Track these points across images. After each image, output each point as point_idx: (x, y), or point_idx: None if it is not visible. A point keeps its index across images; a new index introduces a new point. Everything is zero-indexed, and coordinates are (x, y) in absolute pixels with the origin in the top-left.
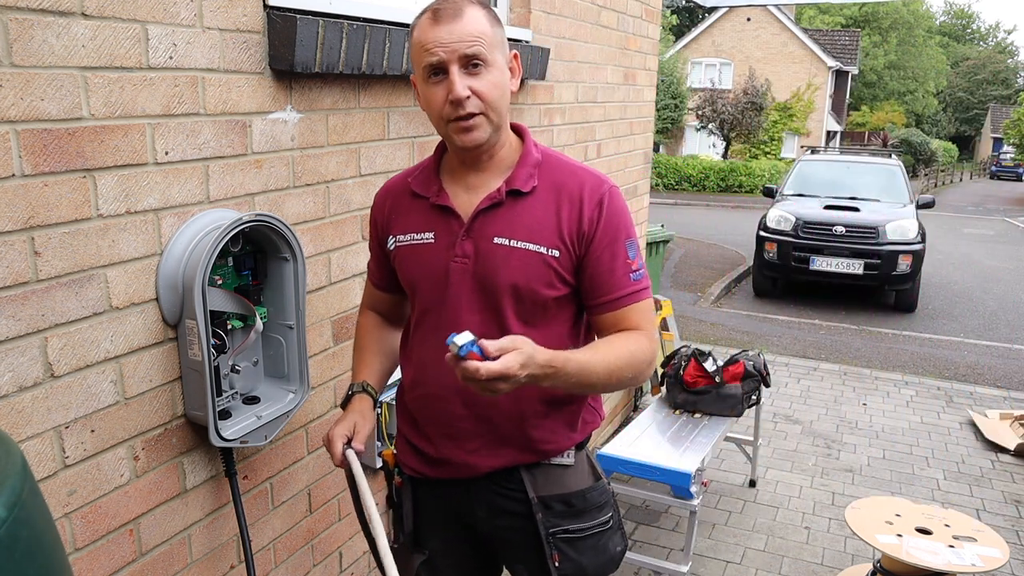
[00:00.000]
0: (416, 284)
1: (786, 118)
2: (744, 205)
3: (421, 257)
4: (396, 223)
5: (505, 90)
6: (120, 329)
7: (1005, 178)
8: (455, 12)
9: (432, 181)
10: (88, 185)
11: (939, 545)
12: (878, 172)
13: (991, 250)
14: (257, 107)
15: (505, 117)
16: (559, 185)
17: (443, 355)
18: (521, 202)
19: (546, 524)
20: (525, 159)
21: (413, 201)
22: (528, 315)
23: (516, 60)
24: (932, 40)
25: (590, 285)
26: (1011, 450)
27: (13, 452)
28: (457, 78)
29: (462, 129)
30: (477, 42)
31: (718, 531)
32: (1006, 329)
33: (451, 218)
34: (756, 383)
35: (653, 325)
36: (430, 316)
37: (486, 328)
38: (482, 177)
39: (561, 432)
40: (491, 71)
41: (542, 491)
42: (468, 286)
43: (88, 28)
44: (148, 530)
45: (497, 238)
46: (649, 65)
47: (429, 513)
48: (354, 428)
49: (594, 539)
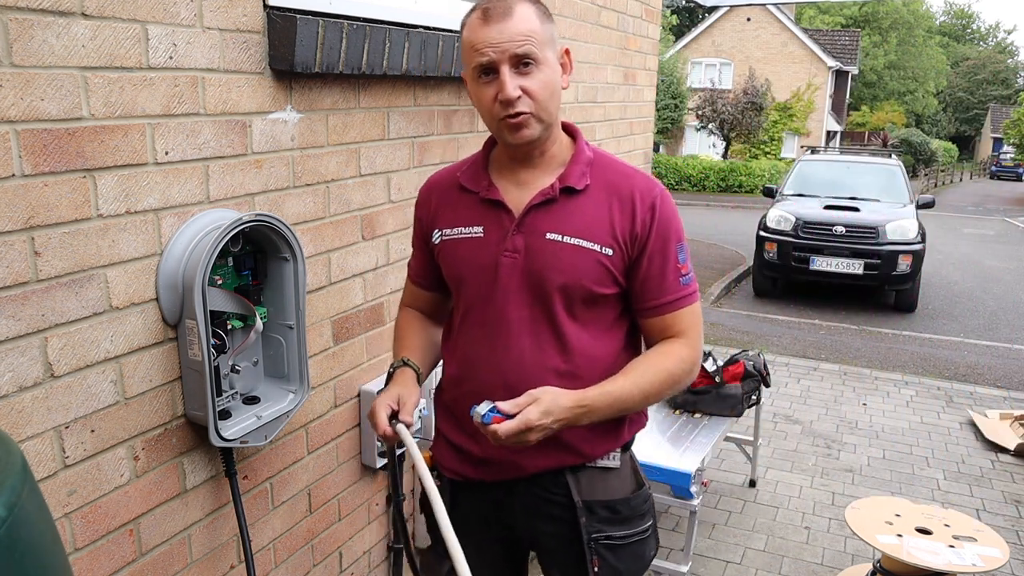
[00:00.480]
0: (463, 278)
1: (786, 118)
2: (744, 205)
3: (469, 251)
4: (443, 217)
5: (556, 88)
6: (120, 329)
7: (1005, 178)
8: (505, 11)
9: (482, 176)
10: (88, 185)
11: (939, 545)
12: (878, 172)
13: (991, 250)
14: (257, 107)
15: (555, 115)
16: (611, 185)
17: (489, 350)
18: (574, 200)
19: (589, 529)
20: (578, 157)
21: (461, 195)
22: (577, 312)
23: (568, 56)
24: (932, 40)
25: (640, 289)
26: (1011, 450)
27: (13, 452)
28: (508, 78)
29: (512, 127)
30: (528, 41)
31: (718, 531)
32: (1006, 329)
33: (502, 212)
34: (756, 383)
35: (699, 329)
36: (476, 311)
37: (534, 324)
38: (533, 173)
39: (607, 433)
40: (542, 69)
41: (587, 495)
42: (517, 281)
43: (88, 28)
44: (148, 530)
45: (550, 234)
46: (649, 65)
47: (465, 517)
48: (399, 400)
49: (634, 547)
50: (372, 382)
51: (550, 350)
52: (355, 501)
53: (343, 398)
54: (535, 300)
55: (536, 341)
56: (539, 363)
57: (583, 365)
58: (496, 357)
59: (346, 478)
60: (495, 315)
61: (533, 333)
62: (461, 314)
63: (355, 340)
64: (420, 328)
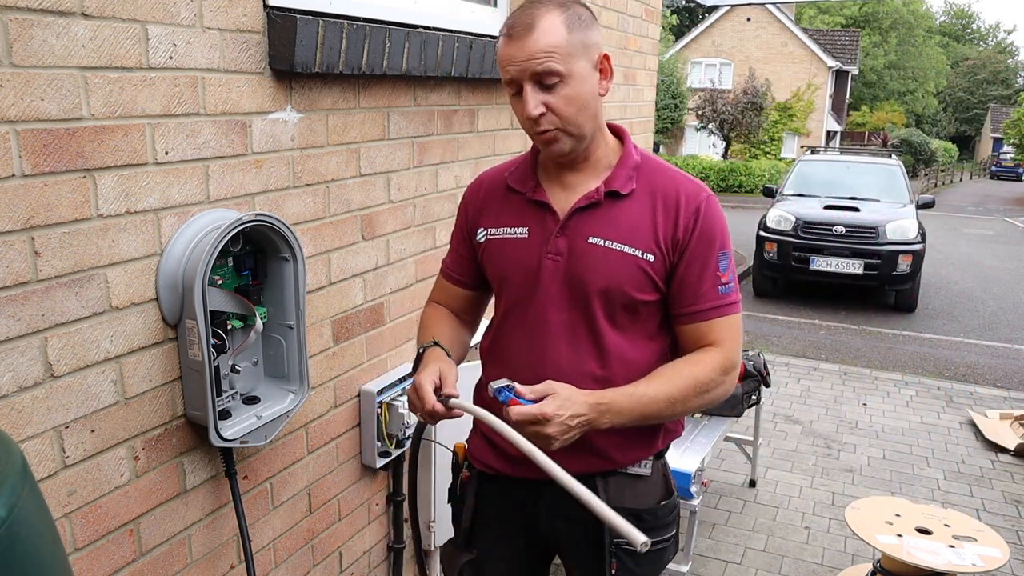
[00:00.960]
0: (506, 278)
1: (786, 118)
2: (744, 205)
3: (513, 251)
4: (488, 216)
5: (586, 100)
6: (120, 329)
7: (1005, 178)
8: (527, 27)
9: (529, 177)
10: (88, 185)
11: (939, 545)
12: (878, 172)
13: (991, 250)
14: (257, 107)
15: (588, 126)
16: (656, 189)
17: (527, 352)
18: (619, 204)
19: (612, 535)
20: (625, 161)
21: (508, 195)
22: (617, 317)
23: (607, 61)
24: (932, 40)
25: (677, 294)
26: (1011, 450)
27: (13, 452)
28: (530, 96)
29: (543, 141)
30: (549, 58)
31: (718, 531)
32: (1006, 329)
33: (547, 214)
34: (756, 383)
35: (735, 341)
36: (517, 311)
37: (573, 327)
38: (579, 177)
39: (641, 440)
40: (568, 84)
41: (615, 502)
42: (559, 284)
43: (88, 28)
44: (148, 530)
45: (592, 238)
46: (649, 65)
47: (490, 510)
48: (440, 375)
49: (654, 554)
50: (372, 382)
51: (587, 355)
52: (355, 501)
53: (343, 398)
54: (575, 304)
55: (573, 345)
56: (576, 367)
57: (619, 372)
58: (534, 359)
59: (346, 478)
60: (535, 317)
61: (571, 337)
62: (502, 314)
63: (355, 340)
64: (449, 322)
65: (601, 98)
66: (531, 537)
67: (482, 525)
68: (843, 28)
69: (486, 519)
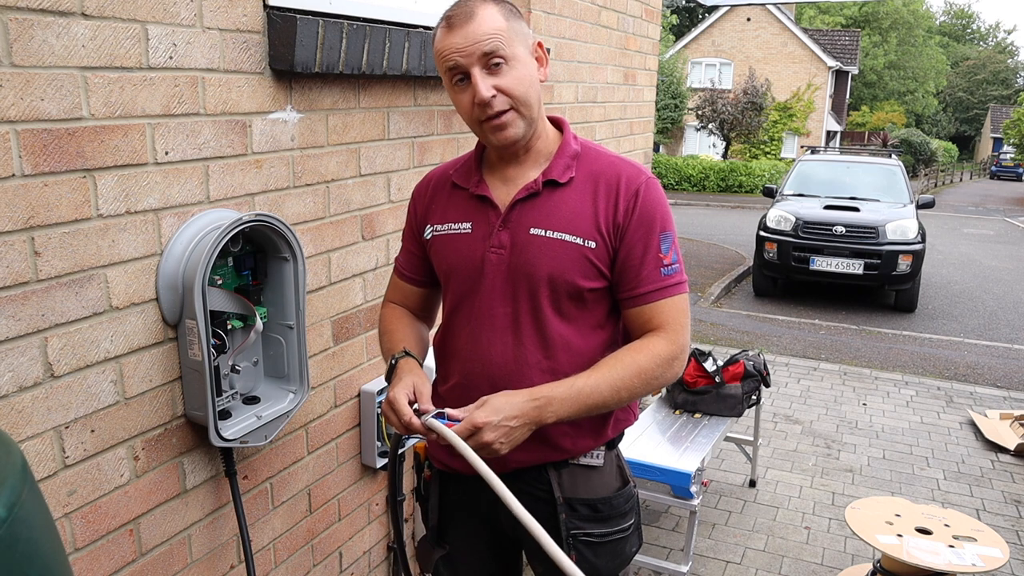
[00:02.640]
0: (451, 274)
1: (786, 118)
2: (744, 205)
3: (458, 247)
4: (435, 213)
5: (532, 82)
6: (120, 329)
7: (1005, 178)
8: (467, 15)
9: (473, 173)
10: (88, 185)
11: (939, 545)
12: (878, 172)
13: (991, 250)
14: (257, 107)
15: (536, 109)
16: (596, 175)
17: (475, 346)
18: (558, 193)
19: (568, 525)
20: (563, 150)
21: (453, 192)
22: (563, 307)
23: (541, 48)
24: (932, 40)
25: (620, 278)
26: (1011, 450)
27: (13, 452)
28: (480, 80)
29: (495, 128)
30: (493, 38)
31: (718, 531)
32: (1006, 329)
33: (489, 208)
34: (756, 383)
35: (680, 323)
36: (463, 307)
37: (518, 319)
38: (520, 169)
39: (591, 429)
40: (514, 66)
41: (568, 492)
42: (502, 277)
43: (88, 28)
44: (148, 530)
45: (533, 229)
46: (649, 65)
47: (454, 508)
48: (415, 390)
49: (613, 544)
50: (372, 382)
51: (532, 346)
52: (355, 501)
53: (343, 398)
54: (520, 296)
55: (518, 337)
56: (521, 359)
57: (566, 361)
58: (480, 352)
59: (346, 478)
60: (480, 311)
61: (516, 329)
62: (449, 310)
63: (355, 340)
64: (410, 323)
65: (541, 84)
66: (496, 528)
67: (449, 521)
68: (843, 28)
69: (452, 515)
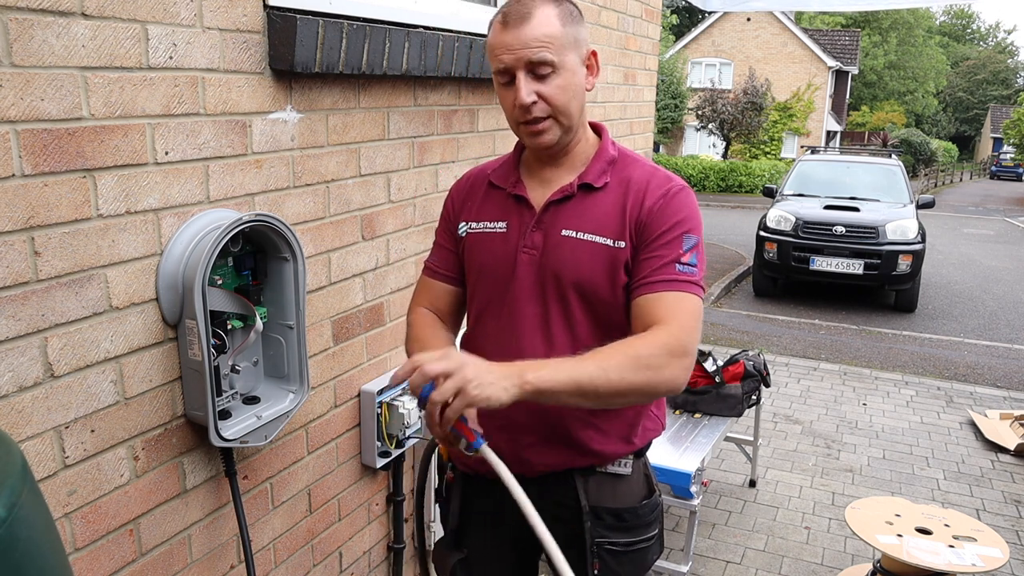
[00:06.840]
0: (482, 272)
1: (786, 118)
2: (744, 205)
3: (492, 246)
4: (470, 210)
5: (576, 92)
6: (120, 329)
7: (1005, 178)
8: (523, 16)
9: (511, 173)
10: (88, 185)
11: (939, 545)
12: (878, 172)
13: (991, 250)
14: (257, 107)
15: (577, 117)
16: (630, 181)
17: (503, 347)
18: (592, 196)
19: (593, 534)
20: (600, 155)
21: (490, 191)
22: (592, 309)
23: (594, 58)
24: (932, 40)
25: (635, 269)
26: (1011, 450)
27: (13, 452)
28: (523, 84)
29: (531, 133)
30: (544, 47)
31: (718, 531)
32: (1006, 329)
33: (524, 209)
34: (756, 383)
35: (687, 322)
36: (492, 306)
37: (548, 320)
38: (557, 172)
39: (619, 437)
40: (560, 75)
41: (595, 501)
42: (533, 277)
43: (88, 28)
44: (148, 530)
45: (565, 230)
46: (649, 65)
47: (475, 511)
48: None
49: (637, 554)
50: (372, 382)
51: (562, 348)
52: (355, 501)
53: (343, 398)
54: (551, 297)
55: (548, 337)
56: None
57: None
58: (510, 352)
59: (346, 478)
60: (510, 311)
61: (546, 329)
62: (477, 309)
63: (355, 340)
64: (440, 328)
65: (587, 93)
66: (517, 535)
67: (470, 524)
68: (843, 28)
69: (473, 519)
